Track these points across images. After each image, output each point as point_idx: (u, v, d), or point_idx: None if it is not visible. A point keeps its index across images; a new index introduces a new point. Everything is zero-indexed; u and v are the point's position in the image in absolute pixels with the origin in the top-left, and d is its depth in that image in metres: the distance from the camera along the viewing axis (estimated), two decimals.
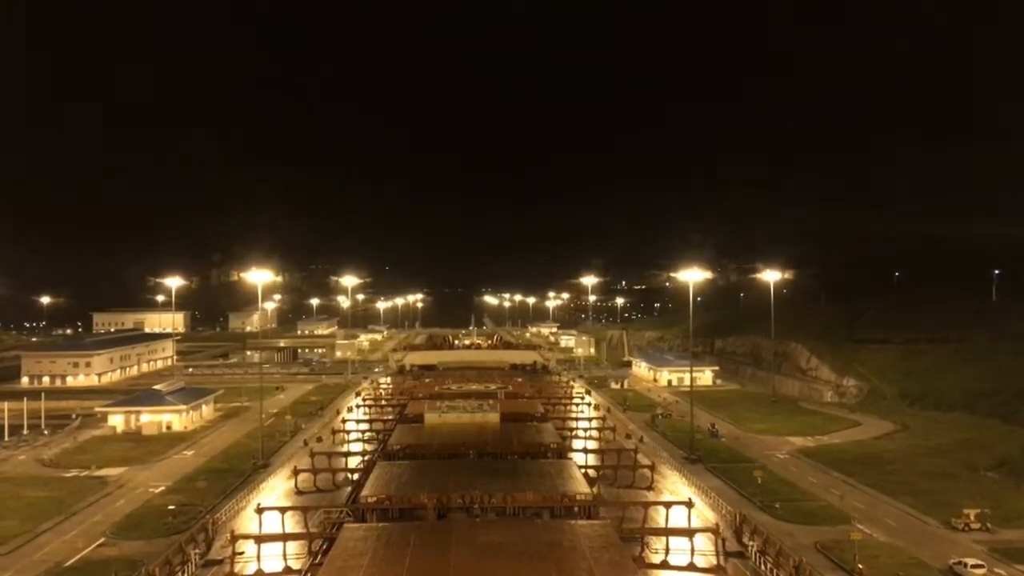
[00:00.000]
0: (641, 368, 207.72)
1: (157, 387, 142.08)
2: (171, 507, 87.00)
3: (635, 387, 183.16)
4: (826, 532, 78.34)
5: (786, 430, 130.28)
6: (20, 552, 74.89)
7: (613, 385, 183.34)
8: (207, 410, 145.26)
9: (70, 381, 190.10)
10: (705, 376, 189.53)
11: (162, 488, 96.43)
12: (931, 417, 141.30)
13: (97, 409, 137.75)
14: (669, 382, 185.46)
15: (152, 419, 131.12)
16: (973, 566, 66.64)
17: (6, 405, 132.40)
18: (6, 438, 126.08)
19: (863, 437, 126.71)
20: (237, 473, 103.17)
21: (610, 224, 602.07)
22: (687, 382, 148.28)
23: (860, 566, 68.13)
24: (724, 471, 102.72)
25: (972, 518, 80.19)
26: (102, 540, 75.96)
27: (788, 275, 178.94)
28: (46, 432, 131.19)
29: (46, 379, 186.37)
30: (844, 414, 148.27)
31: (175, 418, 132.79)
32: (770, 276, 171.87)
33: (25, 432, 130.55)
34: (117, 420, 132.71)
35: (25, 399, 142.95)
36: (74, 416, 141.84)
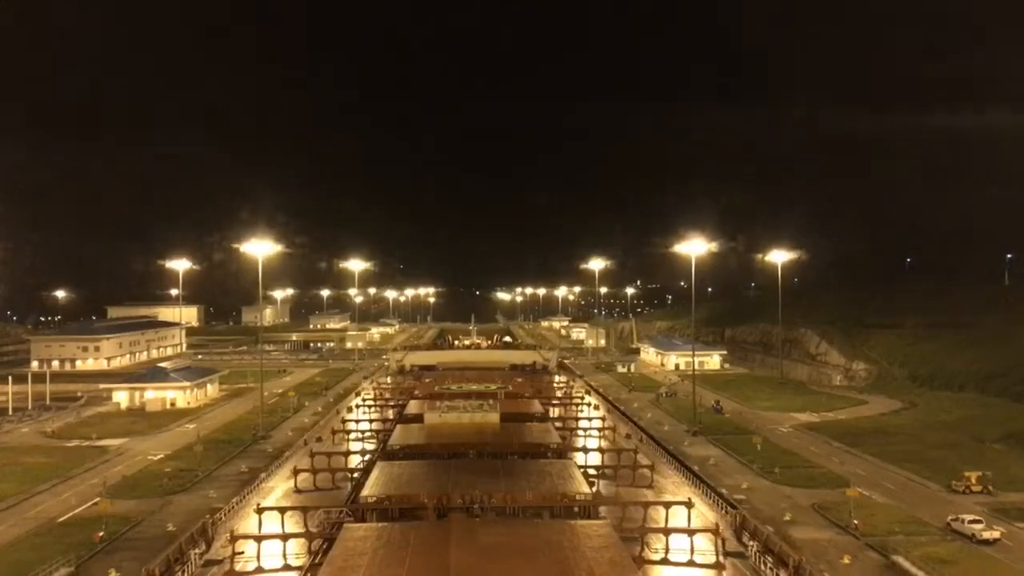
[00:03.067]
0: (649, 353, 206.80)
1: (162, 365, 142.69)
2: (167, 470, 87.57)
3: (642, 372, 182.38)
4: (824, 495, 77.62)
5: (791, 407, 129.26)
6: (14, 510, 75.34)
7: (620, 369, 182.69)
8: (212, 389, 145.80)
9: (79, 365, 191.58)
10: (713, 360, 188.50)
11: (161, 456, 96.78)
12: (940, 397, 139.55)
13: (101, 386, 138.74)
14: (676, 366, 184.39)
15: (156, 396, 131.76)
16: (971, 521, 65.58)
17: (10, 387, 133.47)
18: (10, 413, 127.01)
19: (870, 414, 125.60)
20: (237, 443, 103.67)
21: (618, 216, 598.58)
22: (695, 367, 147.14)
23: (855, 521, 67.37)
24: (724, 442, 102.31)
25: (973, 481, 79.03)
26: (96, 500, 76.09)
27: (797, 254, 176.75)
28: (51, 409, 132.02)
29: (55, 363, 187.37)
30: (852, 395, 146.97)
31: (179, 395, 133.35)
32: (777, 257, 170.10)
33: (30, 408, 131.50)
34: (121, 397, 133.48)
35: (29, 378, 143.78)
36: (79, 395, 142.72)
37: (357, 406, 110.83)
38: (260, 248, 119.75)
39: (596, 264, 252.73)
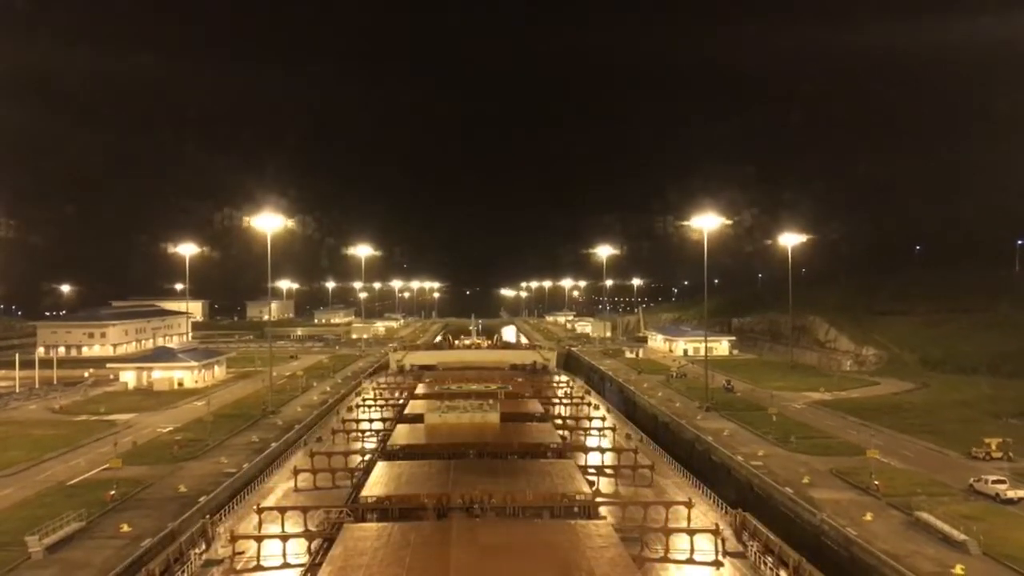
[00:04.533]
0: (657, 340, 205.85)
1: (170, 346, 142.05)
2: (177, 438, 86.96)
3: (650, 358, 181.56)
4: (842, 461, 76.95)
5: (803, 387, 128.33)
6: (24, 474, 74.90)
7: (628, 354, 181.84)
8: (219, 371, 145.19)
9: (85, 352, 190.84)
10: (722, 346, 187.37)
11: (170, 428, 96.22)
12: (952, 379, 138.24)
13: (109, 365, 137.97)
14: (685, 351, 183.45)
15: (164, 375, 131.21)
16: (995, 482, 64.73)
17: (16, 369, 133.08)
18: (17, 391, 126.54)
19: (882, 393, 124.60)
20: (246, 418, 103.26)
21: (624, 208, 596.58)
22: (703, 352, 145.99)
23: (876, 482, 66.54)
24: (738, 416, 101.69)
25: (994, 448, 78.31)
26: (106, 465, 75.39)
27: (807, 238, 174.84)
28: (58, 388, 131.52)
29: (61, 349, 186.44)
30: (864, 377, 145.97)
31: (187, 375, 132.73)
32: (787, 240, 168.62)
33: (37, 387, 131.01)
34: (129, 377, 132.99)
35: (37, 361, 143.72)
36: (87, 375, 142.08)
37: (357, 406, 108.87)
38: (269, 222, 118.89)
39: (604, 250, 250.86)
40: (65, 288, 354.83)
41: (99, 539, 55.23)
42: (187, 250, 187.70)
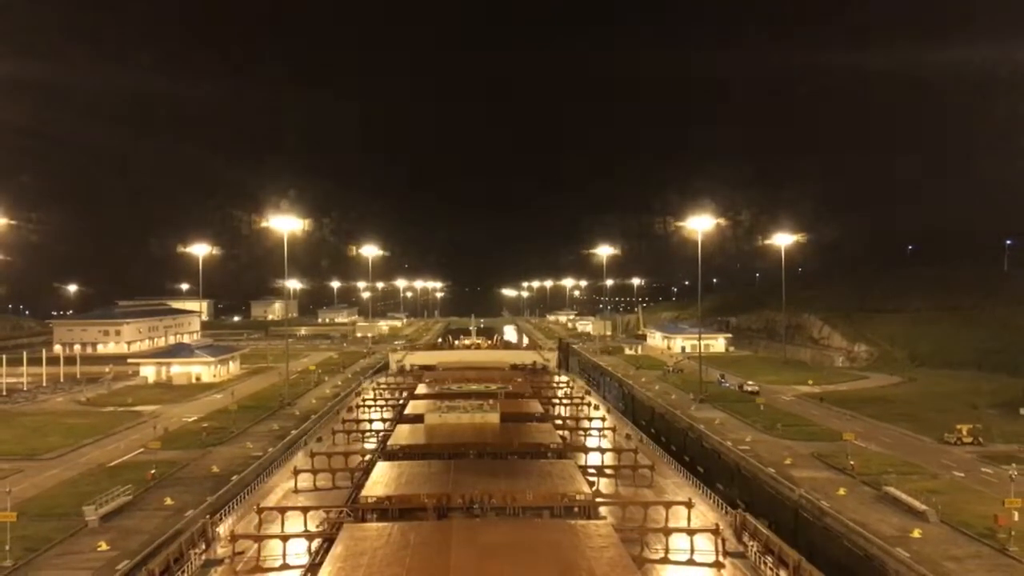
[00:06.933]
0: (655, 338, 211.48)
1: (186, 341, 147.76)
2: (204, 425, 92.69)
3: (648, 355, 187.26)
4: (823, 446, 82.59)
5: (793, 381, 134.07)
6: (65, 458, 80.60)
7: (627, 351, 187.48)
8: (234, 366, 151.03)
9: (100, 349, 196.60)
10: (718, 343, 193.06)
11: (195, 418, 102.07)
12: (939, 374, 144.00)
13: (129, 360, 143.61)
14: (682, 348, 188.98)
15: (182, 370, 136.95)
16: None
17: (44, 366, 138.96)
18: (44, 384, 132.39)
19: (869, 386, 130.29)
20: (265, 409, 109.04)
21: (623, 210, 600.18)
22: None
23: (851, 462, 72.36)
24: (729, 407, 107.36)
25: (965, 433, 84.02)
26: (142, 448, 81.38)
27: (800, 236, 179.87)
28: (82, 383, 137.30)
29: (77, 347, 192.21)
30: (854, 372, 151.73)
31: (204, 370, 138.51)
32: (781, 240, 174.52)
33: (61, 381, 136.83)
34: (148, 371, 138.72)
35: (61, 358, 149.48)
36: (108, 370, 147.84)
37: (357, 406, 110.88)
38: (286, 223, 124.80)
39: (604, 250, 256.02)
40: (72, 288, 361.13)
41: (147, 510, 61.16)
42: (200, 250, 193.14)
